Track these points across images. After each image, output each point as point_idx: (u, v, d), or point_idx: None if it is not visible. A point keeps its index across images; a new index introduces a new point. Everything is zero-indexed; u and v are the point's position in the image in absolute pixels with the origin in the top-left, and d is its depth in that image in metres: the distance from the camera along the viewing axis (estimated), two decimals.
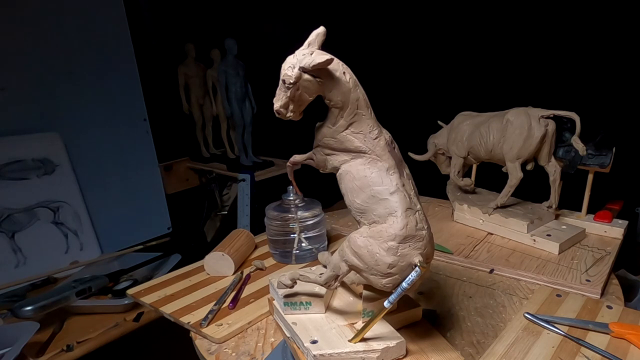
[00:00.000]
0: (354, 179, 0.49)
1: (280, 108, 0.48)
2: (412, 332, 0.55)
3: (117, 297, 1.09)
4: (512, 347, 0.55)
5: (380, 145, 0.49)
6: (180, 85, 1.71)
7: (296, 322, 0.55)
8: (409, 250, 0.46)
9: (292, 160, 0.56)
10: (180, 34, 1.75)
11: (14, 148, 1.31)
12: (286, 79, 0.46)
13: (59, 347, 0.95)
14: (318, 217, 0.83)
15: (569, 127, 0.83)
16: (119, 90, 1.58)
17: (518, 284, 0.74)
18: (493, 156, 0.89)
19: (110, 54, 1.55)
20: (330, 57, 0.45)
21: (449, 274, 0.78)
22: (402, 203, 0.47)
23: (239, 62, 1.58)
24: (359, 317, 0.55)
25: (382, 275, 0.47)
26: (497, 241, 0.88)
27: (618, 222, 0.87)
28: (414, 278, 0.46)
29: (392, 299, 0.47)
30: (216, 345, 0.61)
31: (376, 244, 0.46)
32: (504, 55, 1.50)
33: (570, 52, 1.35)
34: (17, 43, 1.33)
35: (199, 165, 1.81)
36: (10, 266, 1.25)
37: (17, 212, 1.29)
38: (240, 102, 1.61)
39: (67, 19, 1.42)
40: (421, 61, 1.73)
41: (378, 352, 0.49)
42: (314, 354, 0.48)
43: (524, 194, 0.92)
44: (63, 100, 1.44)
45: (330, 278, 0.52)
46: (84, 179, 1.47)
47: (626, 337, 0.55)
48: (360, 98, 0.48)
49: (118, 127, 1.59)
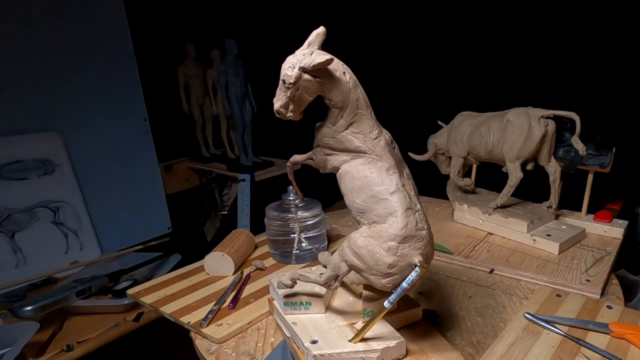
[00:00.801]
0: (354, 179, 0.49)
1: (280, 108, 0.48)
2: (412, 332, 0.55)
3: (117, 297, 1.09)
4: (512, 347, 0.55)
5: (380, 145, 0.49)
6: (180, 85, 1.71)
7: (296, 322, 0.55)
8: (409, 250, 0.46)
9: (292, 160, 0.56)
10: (180, 34, 1.75)
11: (14, 148, 1.31)
12: (286, 79, 0.46)
13: (59, 347, 0.95)
14: (318, 217, 0.83)
15: (569, 127, 0.83)
16: (119, 90, 1.58)
17: (518, 284, 0.74)
18: (493, 156, 0.89)
19: (110, 54, 1.55)
20: (330, 57, 0.45)
21: (449, 274, 0.78)
22: (402, 203, 0.47)
23: (239, 62, 1.58)
24: (359, 317, 0.55)
25: (382, 275, 0.47)
26: (497, 241, 0.88)
27: (618, 222, 0.87)
28: (414, 278, 0.46)
29: (392, 299, 0.47)
30: (216, 345, 0.61)
31: (376, 244, 0.46)
32: (504, 55, 1.50)
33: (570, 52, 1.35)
34: (17, 43, 1.33)
35: (199, 165, 1.81)
36: (10, 266, 1.25)
37: (17, 212, 1.29)
38: (240, 102, 1.61)
39: (67, 19, 1.42)
40: (421, 61, 1.73)
41: (378, 352, 0.49)
42: (314, 354, 0.49)
43: (524, 194, 0.92)
44: (63, 100, 1.44)
45: (330, 278, 0.52)
46: (84, 179, 1.47)
47: (626, 337, 0.55)
48: (360, 98, 0.48)
49: (118, 127, 1.59)
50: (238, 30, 1.80)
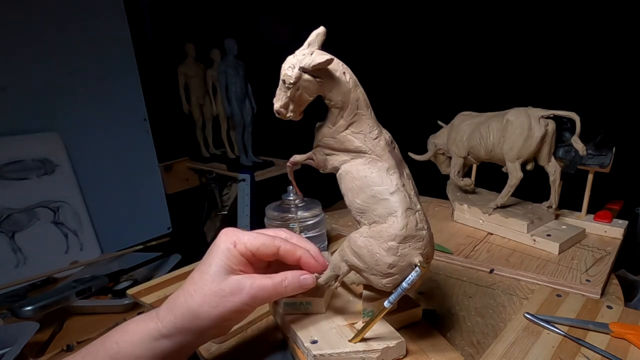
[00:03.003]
0: (354, 179, 0.49)
1: (280, 108, 0.48)
2: (412, 332, 0.55)
3: (117, 297, 1.09)
4: (512, 347, 0.55)
5: (381, 145, 0.49)
6: (180, 85, 1.71)
7: (296, 322, 0.55)
8: (409, 250, 0.46)
9: (292, 160, 0.56)
10: (180, 34, 1.75)
11: (14, 148, 1.31)
12: (286, 79, 0.46)
13: (59, 347, 0.95)
14: (318, 217, 0.83)
15: (569, 127, 0.83)
16: (119, 90, 1.58)
17: (518, 284, 0.74)
18: (493, 156, 0.89)
19: (110, 54, 1.55)
20: (331, 57, 0.45)
21: (449, 274, 0.78)
22: (402, 203, 0.47)
23: (239, 62, 1.58)
24: (358, 317, 0.55)
25: (382, 275, 0.47)
26: (497, 241, 0.88)
27: (618, 222, 0.87)
28: (414, 278, 0.46)
29: (392, 299, 0.47)
30: (216, 345, 0.60)
31: (376, 244, 0.46)
32: (504, 55, 1.50)
33: (570, 52, 1.35)
34: (17, 43, 1.33)
35: (199, 165, 1.81)
36: (10, 266, 1.25)
37: (17, 212, 1.29)
38: (240, 102, 1.61)
39: (67, 18, 1.42)
40: (421, 61, 1.73)
41: (378, 352, 0.49)
42: (314, 354, 0.49)
43: (524, 194, 0.92)
44: (63, 100, 1.44)
45: (331, 278, 0.52)
46: (84, 179, 1.47)
47: (626, 337, 0.55)
48: (360, 98, 0.48)
49: (118, 127, 1.59)
50: (238, 30, 1.81)
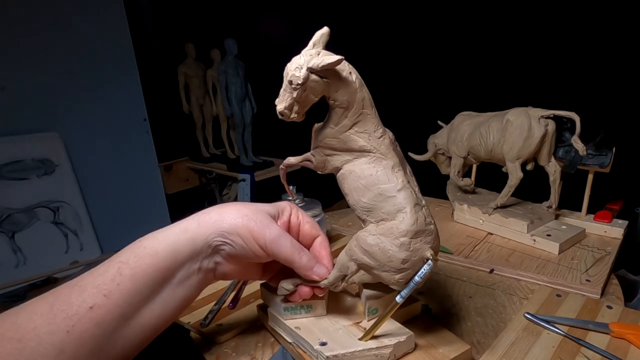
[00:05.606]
0: (358, 178, 0.49)
1: (284, 110, 0.47)
2: (414, 326, 0.55)
3: None
4: (512, 347, 0.55)
5: (385, 144, 0.49)
6: (180, 85, 1.71)
7: (299, 326, 0.54)
8: (421, 245, 0.47)
9: (285, 162, 0.55)
10: (180, 34, 1.75)
11: (14, 148, 1.32)
12: (294, 79, 0.45)
13: None
14: (318, 217, 0.83)
15: (569, 127, 0.83)
16: (119, 90, 1.58)
17: (518, 284, 0.74)
18: (493, 156, 0.89)
19: (110, 54, 1.55)
20: (340, 57, 0.44)
21: (449, 274, 0.78)
22: (410, 199, 0.47)
23: (239, 62, 1.58)
24: (361, 316, 0.55)
25: (395, 271, 0.47)
26: (497, 241, 0.88)
27: (618, 222, 0.87)
28: (427, 271, 0.46)
29: (404, 294, 0.47)
30: (216, 345, 0.60)
31: (388, 241, 0.47)
32: (504, 55, 1.50)
33: (570, 52, 1.35)
34: (17, 43, 1.33)
35: (199, 165, 1.81)
36: (10, 266, 1.25)
37: (17, 212, 1.29)
38: (240, 102, 1.61)
39: (67, 18, 1.42)
40: (422, 61, 1.73)
41: (390, 347, 0.49)
42: (327, 355, 0.48)
43: (524, 194, 0.92)
44: (63, 100, 1.44)
45: (338, 279, 0.51)
46: (84, 179, 1.47)
47: (626, 337, 0.55)
48: (365, 97, 0.48)
49: (118, 127, 1.59)
50: (238, 30, 1.80)
